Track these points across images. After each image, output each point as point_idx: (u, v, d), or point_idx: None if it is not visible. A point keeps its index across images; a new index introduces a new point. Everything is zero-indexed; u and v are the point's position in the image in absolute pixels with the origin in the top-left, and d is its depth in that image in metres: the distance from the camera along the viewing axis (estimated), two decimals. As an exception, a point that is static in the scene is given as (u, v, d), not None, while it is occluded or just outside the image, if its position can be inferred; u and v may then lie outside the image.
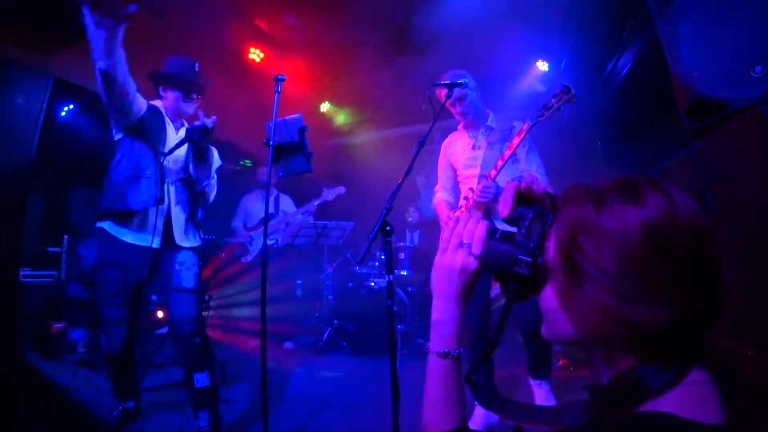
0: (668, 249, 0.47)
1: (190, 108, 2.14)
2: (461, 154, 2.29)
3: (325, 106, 5.71)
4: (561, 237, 0.53)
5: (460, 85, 1.77)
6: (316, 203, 3.88)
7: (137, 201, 1.91)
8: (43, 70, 2.80)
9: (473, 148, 2.24)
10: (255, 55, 4.47)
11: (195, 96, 2.14)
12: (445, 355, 0.66)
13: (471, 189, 2.09)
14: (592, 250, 0.49)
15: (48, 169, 3.60)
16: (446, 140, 2.41)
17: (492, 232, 0.64)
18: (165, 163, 2.00)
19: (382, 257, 3.82)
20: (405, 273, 3.94)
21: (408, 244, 4.18)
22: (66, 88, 3.24)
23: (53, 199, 3.87)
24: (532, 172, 2.10)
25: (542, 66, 4.48)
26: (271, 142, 1.83)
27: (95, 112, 3.85)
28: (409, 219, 4.53)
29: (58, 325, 3.01)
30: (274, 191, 4.06)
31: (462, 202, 2.19)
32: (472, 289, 0.67)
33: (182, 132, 2.12)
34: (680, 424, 0.44)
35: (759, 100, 1.11)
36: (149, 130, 2.01)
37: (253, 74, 4.34)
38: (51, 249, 3.54)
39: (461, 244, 0.66)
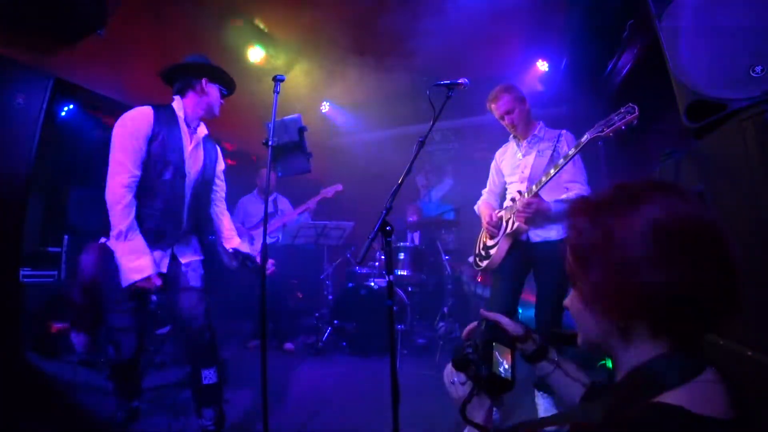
0: (675, 237, 0.53)
1: (218, 109, 2.01)
2: (508, 161, 2.42)
3: (325, 106, 5.71)
4: (573, 245, 0.62)
5: (459, 84, 1.76)
6: (316, 200, 3.85)
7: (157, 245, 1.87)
8: (43, 70, 2.79)
9: (519, 156, 2.35)
10: (255, 55, 4.47)
11: (225, 94, 2.04)
12: None
13: (519, 192, 2.20)
14: (604, 249, 0.57)
15: (48, 169, 3.59)
16: (500, 149, 2.56)
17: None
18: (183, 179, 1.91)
19: (382, 257, 3.82)
20: (405, 273, 3.93)
21: (408, 244, 4.18)
22: (66, 88, 3.23)
23: (53, 199, 3.85)
24: (575, 183, 2.16)
25: (542, 66, 4.48)
26: (270, 142, 1.83)
27: (95, 112, 3.85)
28: (409, 219, 4.53)
29: (58, 325, 3.01)
30: (273, 193, 4.02)
31: (508, 203, 2.32)
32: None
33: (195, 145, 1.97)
34: (688, 416, 0.47)
35: (759, 100, 1.11)
36: (163, 150, 1.84)
37: (253, 74, 4.33)
38: (51, 249, 3.53)
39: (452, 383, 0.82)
